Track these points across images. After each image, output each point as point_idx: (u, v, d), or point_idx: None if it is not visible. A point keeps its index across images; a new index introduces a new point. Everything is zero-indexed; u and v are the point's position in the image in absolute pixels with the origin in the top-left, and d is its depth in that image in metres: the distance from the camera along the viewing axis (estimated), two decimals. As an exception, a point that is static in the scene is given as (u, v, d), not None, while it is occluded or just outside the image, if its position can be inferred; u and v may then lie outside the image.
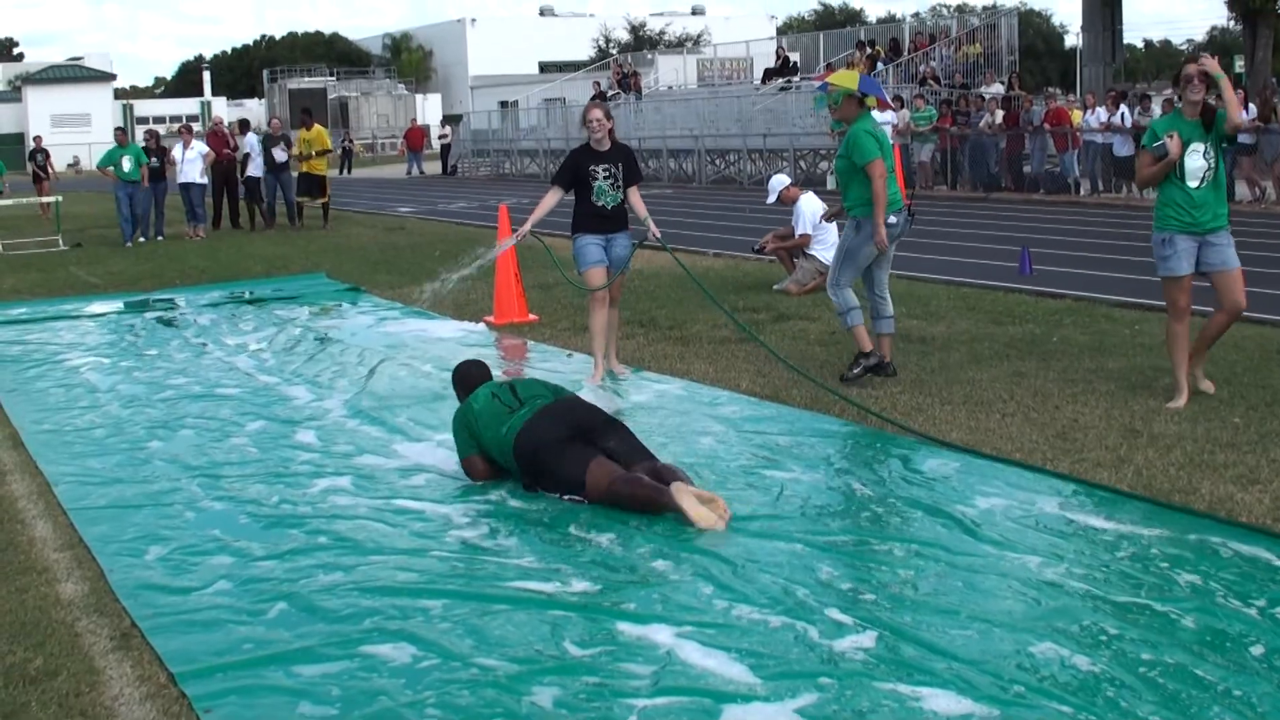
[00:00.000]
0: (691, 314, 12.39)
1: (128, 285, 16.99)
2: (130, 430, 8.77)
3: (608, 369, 9.92)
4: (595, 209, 9.61)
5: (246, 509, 6.82)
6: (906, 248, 17.64)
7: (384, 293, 15.21)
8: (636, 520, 6.30)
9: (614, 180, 9.61)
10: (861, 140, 9.06)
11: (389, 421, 8.65)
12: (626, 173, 9.67)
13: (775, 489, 6.82)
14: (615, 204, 9.64)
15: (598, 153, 9.60)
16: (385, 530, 6.36)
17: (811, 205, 13.92)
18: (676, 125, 38.27)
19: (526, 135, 46.38)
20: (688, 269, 11.08)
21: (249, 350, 11.77)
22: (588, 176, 9.56)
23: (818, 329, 11.51)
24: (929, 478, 6.88)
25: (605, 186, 9.58)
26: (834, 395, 8.70)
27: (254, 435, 8.48)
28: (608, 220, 9.68)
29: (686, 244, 19.35)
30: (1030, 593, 5.23)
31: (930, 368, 9.65)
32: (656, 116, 39.79)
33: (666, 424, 8.27)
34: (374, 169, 58.93)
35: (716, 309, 11.07)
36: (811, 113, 8.81)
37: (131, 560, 6.08)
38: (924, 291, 13.55)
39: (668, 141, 37.97)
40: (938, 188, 28.86)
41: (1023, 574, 5.43)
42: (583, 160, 9.61)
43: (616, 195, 9.63)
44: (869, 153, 9.00)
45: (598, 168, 9.57)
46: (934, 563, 5.62)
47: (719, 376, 9.70)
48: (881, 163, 9.01)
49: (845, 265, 9.31)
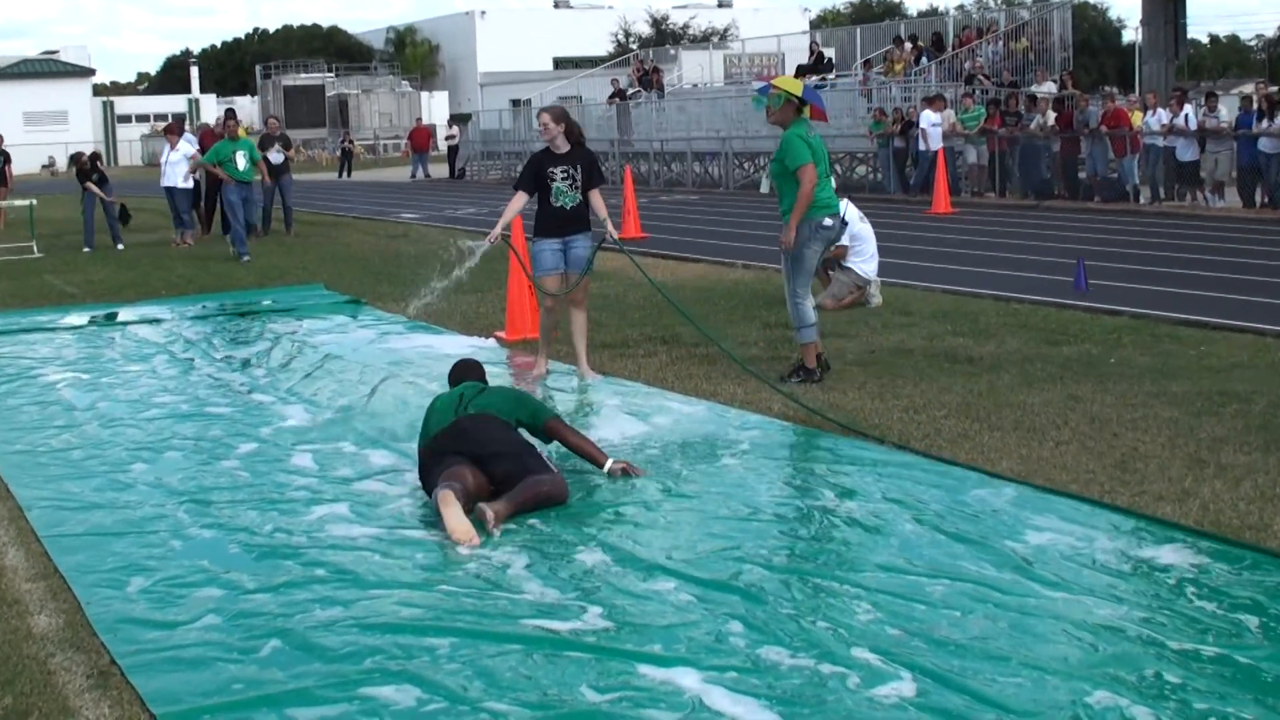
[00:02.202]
0: (718, 329, 12.38)
1: (109, 295, 17.07)
2: (111, 452, 8.79)
3: (580, 376, 10.66)
4: (553, 210, 10.49)
5: (237, 538, 6.83)
6: (952, 260, 17.64)
7: (386, 305, 15.24)
8: (659, 555, 6.29)
9: (572, 181, 10.46)
10: (795, 145, 10.01)
11: (392, 445, 8.66)
12: (586, 175, 10.52)
13: (808, 520, 6.82)
14: (574, 204, 10.50)
15: (556, 155, 10.51)
16: (388, 562, 6.37)
17: (847, 214, 13.90)
18: (702, 126, 38.31)
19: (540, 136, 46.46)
20: (645, 271, 11.29)
21: (241, 366, 11.81)
22: (546, 178, 10.47)
23: (855, 348, 11.50)
24: (976, 510, 6.86)
25: (564, 188, 10.44)
26: (831, 420, 8.69)
27: (246, 458, 8.50)
28: (566, 222, 10.53)
29: (712, 254, 19.39)
30: (1086, 637, 5.21)
31: (978, 391, 9.64)
32: (680, 116, 39.83)
33: (691, 449, 8.26)
34: (375, 172, 59.11)
35: (747, 321, 11.07)
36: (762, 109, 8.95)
37: (111, 592, 6.10)
38: (971, 307, 13.53)
39: (692, 143, 38.01)
40: (986, 194, 28.81)
41: (1078, 616, 5.41)
42: (543, 162, 10.54)
43: (575, 196, 10.48)
44: (800, 156, 9.96)
45: (556, 169, 10.46)
46: (981, 603, 5.60)
47: (749, 398, 9.70)
48: (813, 168, 9.96)
49: (797, 273, 10.12)
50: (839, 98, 35.50)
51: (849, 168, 34.62)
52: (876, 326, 12.51)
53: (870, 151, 33.00)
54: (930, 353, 11.15)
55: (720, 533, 6.66)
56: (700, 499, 7.24)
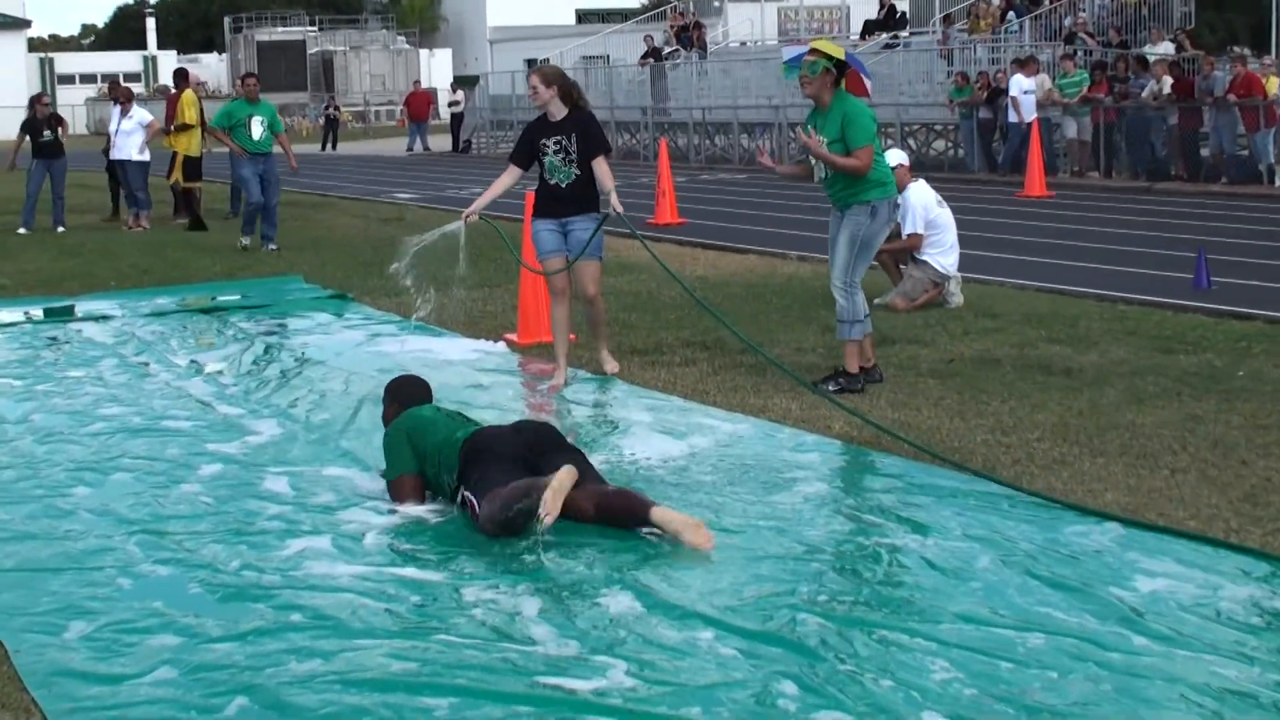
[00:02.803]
0: (769, 333, 12.39)
1: (46, 288, 17.12)
2: (47, 473, 8.81)
3: (598, 371, 11.02)
4: (549, 188, 10.74)
5: (198, 576, 6.83)
6: (1047, 252, 17.61)
7: (378, 301, 15.29)
8: (697, 600, 6.28)
9: (565, 154, 10.61)
10: (863, 118, 10.11)
11: (382, 467, 8.68)
12: (584, 144, 10.60)
13: (874, 560, 6.80)
14: (570, 181, 10.66)
15: (550, 124, 10.66)
16: (376, 606, 6.36)
17: (923, 196, 13.91)
18: (750, 91, 38.36)
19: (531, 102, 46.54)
20: (657, 255, 11.31)
21: (204, 373, 11.85)
22: (539, 150, 10.68)
23: (931, 356, 11.48)
24: (1075, 551, 6.83)
25: (556, 162, 10.63)
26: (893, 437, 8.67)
27: (209, 482, 8.51)
28: (564, 201, 10.74)
29: (762, 244, 19.39)
30: (1208, 703, 5.18)
31: (1078, 409, 9.61)
32: (725, 80, 39.90)
33: (735, 475, 8.25)
34: (365, 144, 59.37)
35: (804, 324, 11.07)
36: (799, 78, 8.85)
37: (45, 638, 6.10)
38: (1070, 309, 13.50)
39: (739, 113, 38.05)
40: (1089, 174, 28.75)
41: (1199, 679, 5.38)
42: (535, 133, 10.73)
43: (570, 171, 10.65)
44: (868, 134, 10.09)
45: (548, 140, 10.63)
46: (1081, 661, 5.57)
47: (805, 415, 9.69)
48: (872, 150, 10.13)
49: (861, 258, 10.30)
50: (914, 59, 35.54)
51: (925, 142, 34.64)
52: (956, 331, 12.49)
53: (950, 123, 33.02)
54: (1021, 363, 11.13)
55: (770, 574, 6.64)
56: (746, 534, 7.23)
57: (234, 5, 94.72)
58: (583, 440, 8.88)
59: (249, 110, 20.65)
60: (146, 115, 24.82)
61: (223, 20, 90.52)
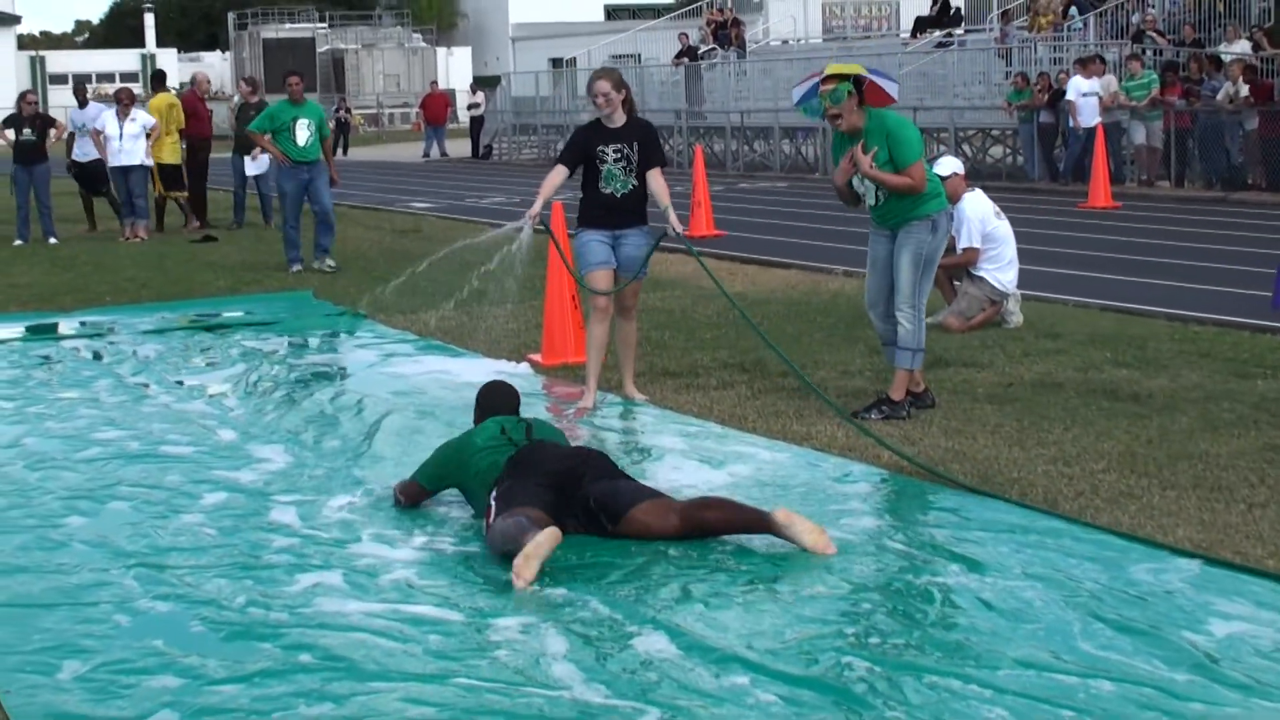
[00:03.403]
0: (812, 354, 12.38)
1: (37, 303, 17.22)
2: (39, 501, 8.85)
3: (624, 396, 11.16)
4: (602, 198, 10.79)
5: (201, 613, 6.85)
6: (1113, 268, 17.59)
7: (392, 319, 15.33)
8: (736, 643, 6.29)
9: (626, 163, 10.73)
10: (909, 133, 10.22)
11: (397, 496, 8.72)
12: (644, 153, 10.76)
13: (927, 600, 6.80)
14: (626, 191, 10.78)
15: (609, 130, 10.77)
16: (391, 646, 6.38)
17: (979, 207, 13.88)
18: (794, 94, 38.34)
19: (588, 105, 46.67)
20: (711, 273, 11.33)
21: (207, 395, 11.91)
22: (595, 157, 10.75)
23: (988, 379, 11.47)
24: (1144, 591, 6.82)
25: (616, 170, 10.73)
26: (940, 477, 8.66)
27: (213, 512, 8.54)
28: (616, 212, 10.84)
29: (805, 258, 19.40)
30: (1289, 756, 5.17)
31: (1147, 437, 9.59)
32: (765, 82, 39.94)
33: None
34: (379, 149, 59.54)
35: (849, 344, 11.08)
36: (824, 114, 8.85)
37: (38, 679, 6.12)
38: (1138, 329, 13.47)
39: (780, 116, 38.06)
40: (1158, 183, 28.69)
41: (1278, 730, 5.37)
42: (591, 138, 10.81)
43: (629, 181, 10.76)
44: (916, 151, 10.18)
45: (607, 148, 10.72)
46: (1150, 710, 5.57)
47: (851, 443, 9.70)
48: (923, 165, 10.20)
49: (928, 277, 10.40)
50: (969, 59, 35.51)
51: (981, 148, 34.58)
52: (1016, 353, 12.47)
53: (1008, 128, 32.95)
54: (1085, 387, 11.11)
55: (814, 615, 6.65)
56: (788, 571, 7.24)
57: (239, 0, 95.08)
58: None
59: (294, 113, 19.39)
60: (150, 119, 24.84)
61: (226, 16, 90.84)
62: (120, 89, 26.37)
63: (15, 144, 24.05)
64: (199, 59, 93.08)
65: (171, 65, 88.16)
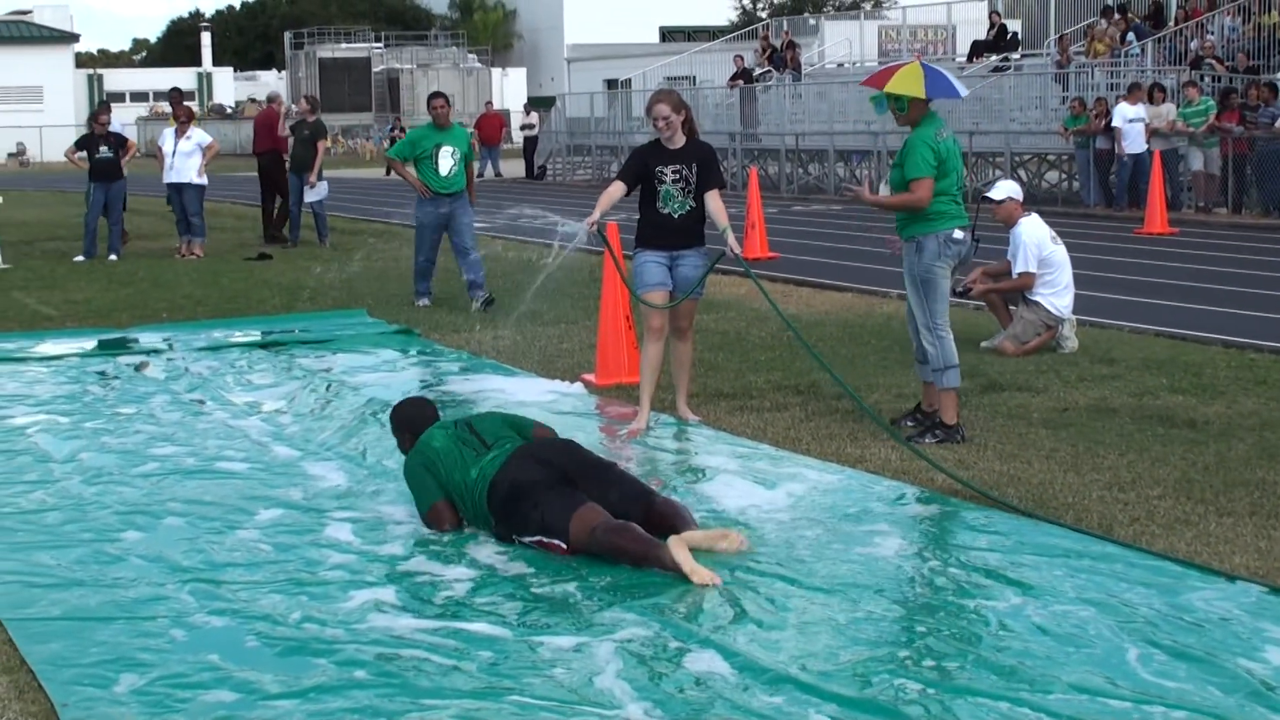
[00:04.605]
0: (867, 377, 12.37)
1: (95, 319, 17.33)
2: (96, 515, 8.91)
3: (678, 417, 11.18)
4: (660, 218, 10.86)
5: (256, 628, 6.90)
6: (1169, 294, 17.53)
7: (445, 337, 15.38)
8: (790, 664, 6.29)
9: (685, 184, 10.77)
10: (917, 151, 10.32)
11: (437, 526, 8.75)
12: (702, 175, 10.80)
13: (980, 623, 6.79)
14: (684, 212, 10.85)
15: (668, 151, 10.82)
16: (445, 663, 6.41)
17: (1036, 232, 13.86)
18: (848, 116, 38.38)
19: (642, 127, 46.77)
20: (769, 295, 11.32)
21: (262, 411, 11.98)
22: (654, 178, 10.79)
23: (1043, 404, 11.44)
24: (1200, 618, 6.80)
25: (674, 191, 10.77)
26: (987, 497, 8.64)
27: (267, 528, 8.60)
28: (674, 233, 10.88)
29: (859, 281, 19.39)
30: (1345, 785, 5.14)
31: (1203, 464, 9.56)
32: (820, 105, 39.94)
33: (831, 529, 8.25)
34: (432, 168, 59.54)
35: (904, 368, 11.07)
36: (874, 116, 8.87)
37: (95, 692, 6.17)
38: (1194, 356, 13.42)
39: (835, 139, 38.07)
40: (1215, 210, 28.56)
41: (1335, 759, 5.35)
42: (650, 159, 10.85)
43: (687, 202, 10.82)
44: (920, 168, 10.28)
45: (666, 168, 10.77)
46: (1208, 738, 5.54)
47: (905, 466, 9.69)
48: (931, 183, 10.27)
49: (930, 297, 10.45)
50: (1025, 84, 35.45)
51: (1036, 172, 34.51)
52: (1071, 378, 12.44)
53: (1064, 153, 32.86)
54: (1140, 413, 11.08)
55: (867, 637, 6.65)
56: (842, 593, 7.24)
57: (295, 19, 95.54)
58: (665, 490, 8.90)
59: (437, 138, 17.58)
60: (205, 136, 24.99)
61: (283, 36, 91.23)
62: (179, 101, 26.59)
63: (93, 162, 24.22)
64: (255, 78, 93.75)
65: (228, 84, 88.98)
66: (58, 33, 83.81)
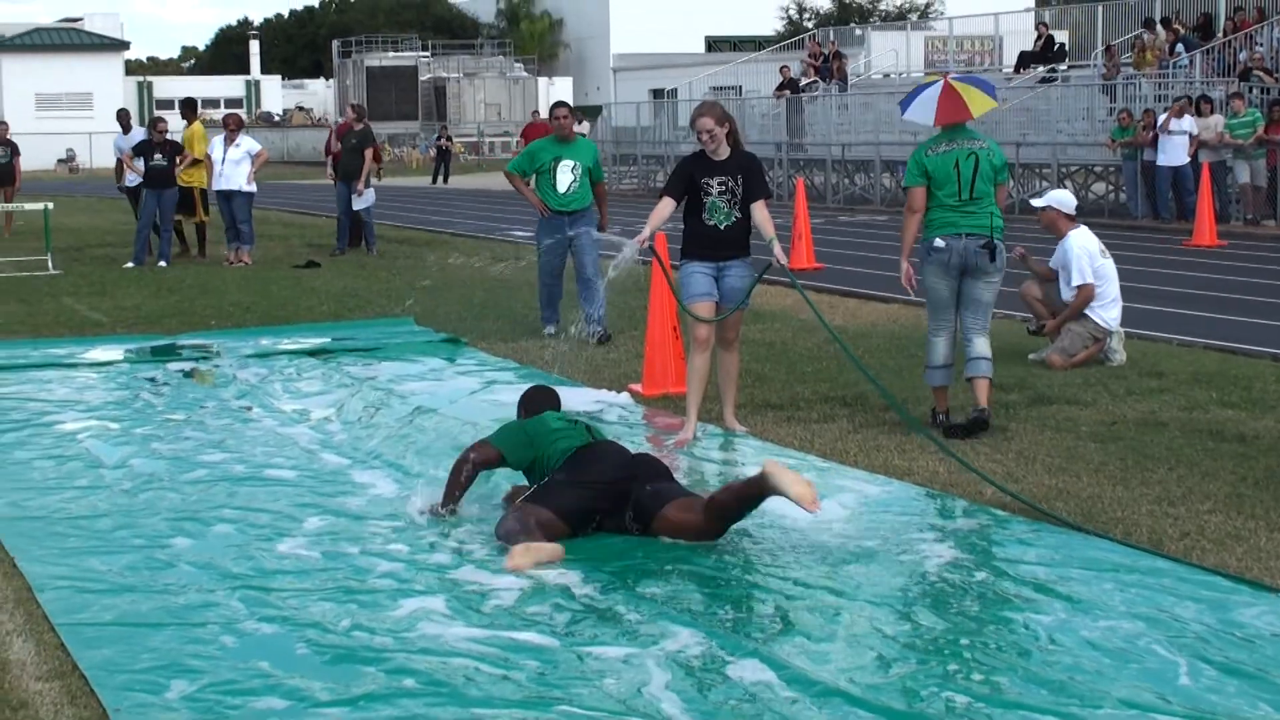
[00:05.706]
0: (915, 389, 12.33)
1: (144, 325, 17.44)
2: (146, 522, 8.96)
3: (725, 428, 11.27)
4: (706, 229, 10.90)
5: (305, 635, 6.93)
6: (1218, 306, 17.45)
7: (493, 346, 15.40)
8: (839, 677, 6.28)
9: (731, 195, 10.84)
10: (909, 164, 11.11)
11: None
12: (748, 186, 10.87)
13: (1029, 638, 6.78)
14: (730, 223, 10.91)
15: (714, 162, 10.88)
16: (494, 672, 6.43)
17: (1088, 244, 13.80)
18: (894, 127, 38.25)
19: (687, 137, 46.78)
20: (814, 306, 11.32)
21: (310, 419, 12.02)
22: (700, 189, 10.86)
23: (1091, 418, 11.40)
24: (1251, 634, 6.77)
25: (720, 203, 10.84)
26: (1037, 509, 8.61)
27: (316, 536, 8.63)
28: (720, 244, 10.94)
29: (903, 291, 19.25)
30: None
31: (1253, 478, 9.51)
32: (867, 115, 39.88)
33: (879, 542, 8.24)
34: (479, 177, 59.75)
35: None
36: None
37: (146, 697, 6.21)
38: (1243, 370, 13.35)
39: (881, 150, 38.02)
40: (1264, 222, 28.43)
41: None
42: (696, 170, 10.90)
43: (733, 214, 10.89)
44: (907, 178, 11.16)
45: (712, 180, 10.83)
46: (1259, 755, 5.52)
47: (953, 479, 9.66)
48: (922, 192, 10.95)
49: (927, 308, 11.31)
50: (1072, 95, 35.35)
51: (1084, 184, 34.39)
52: (1119, 391, 12.39)
53: (1112, 165, 32.74)
54: (1189, 427, 11.03)
55: (917, 650, 6.65)
56: (891, 605, 7.24)
57: (343, 28, 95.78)
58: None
59: (555, 152, 16.01)
60: (254, 144, 25.04)
61: (330, 44, 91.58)
62: (228, 115, 26.65)
63: (147, 169, 24.40)
64: (303, 86, 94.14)
65: (276, 92, 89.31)
66: (108, 40, 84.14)
